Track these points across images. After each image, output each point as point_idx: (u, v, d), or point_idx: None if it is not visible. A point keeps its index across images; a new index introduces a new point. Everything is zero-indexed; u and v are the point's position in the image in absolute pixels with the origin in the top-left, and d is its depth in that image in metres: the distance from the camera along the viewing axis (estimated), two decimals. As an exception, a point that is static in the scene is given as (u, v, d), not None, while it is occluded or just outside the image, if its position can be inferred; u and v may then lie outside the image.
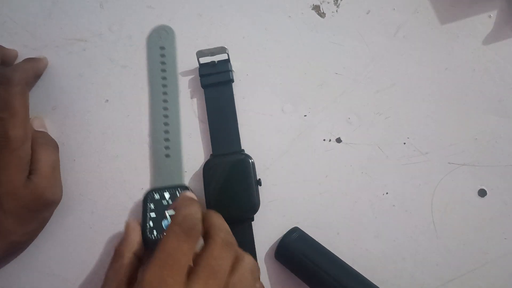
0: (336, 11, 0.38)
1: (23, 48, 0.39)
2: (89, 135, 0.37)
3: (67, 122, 0.37)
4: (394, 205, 0.34)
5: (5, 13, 0.40)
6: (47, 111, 0.38)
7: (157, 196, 0.34)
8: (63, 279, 0.35)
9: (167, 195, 0.34)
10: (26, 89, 0.33)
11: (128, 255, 0.29)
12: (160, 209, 0.33)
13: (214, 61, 0.36)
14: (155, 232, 0.32)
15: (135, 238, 0.31)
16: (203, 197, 0.34)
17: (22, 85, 0.32)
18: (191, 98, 0.37)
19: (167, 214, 0.33)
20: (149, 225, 0.33)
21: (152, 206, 0.33)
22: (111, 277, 0.28)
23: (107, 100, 0.38)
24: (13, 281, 0.35)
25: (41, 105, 0.38)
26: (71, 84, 0.38)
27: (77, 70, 0.38)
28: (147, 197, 0.34)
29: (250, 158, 0.34)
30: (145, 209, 0.33)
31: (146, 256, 0.31)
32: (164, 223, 0.33)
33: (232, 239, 0.28)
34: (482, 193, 0.34)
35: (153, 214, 0.33)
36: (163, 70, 0.37)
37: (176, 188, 0.34)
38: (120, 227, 0.35)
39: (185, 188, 0.34)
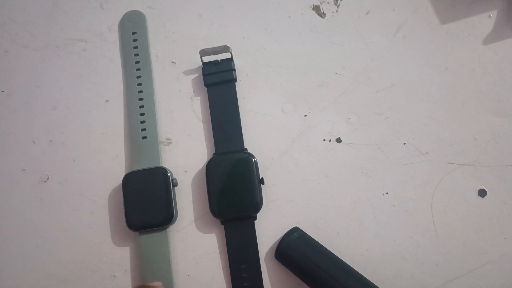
0: (336, 11, 0.38)
1: (23, 48, 0.39)
2: (89, 135, 0.37)
3: (67, 122, 0.37)
4: (394, 205, 0.34)
5: (5, 13, 0.40)
6: (47, 111, 0.38)
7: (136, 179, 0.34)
8: (63, 279, 0.35)
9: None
10: None
11: None
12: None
13: (217, 60, 0.36)
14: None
15: None
16: (206, 196, 0.34)
17: None
18: (193, 97, 0.37)
19: None
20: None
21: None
22: None
23: (107, 100, 0.38)
24: (13, 281, 0.35)
25: (41, 105, 0.38)
26: (71, 84, 0.38)
27: (77, 70, 0.38)
28: (126, 180, 0.34)
29: (253, 157, 0.34)
30: (125, 194, 0.34)
31: None
32: None
33: None
34: (482, 193, 0.34)
35: (133, 197, 0.34)
36: (136, 55, 0.38)
37: (154, 171, 0.34)
38: (120, 227, 0.35)
39: (163, 169, 0.34)
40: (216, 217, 0.34)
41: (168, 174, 0.34)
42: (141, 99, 0.37)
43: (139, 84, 0.37)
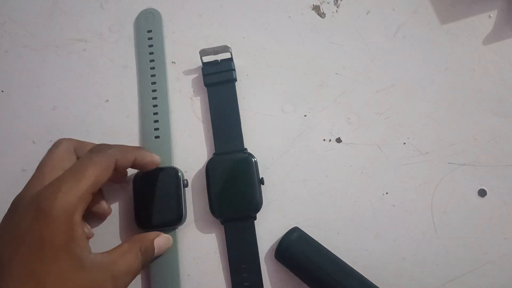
0: (336, 11, 0.38)
1: (23, 48, 0.39)
2: (89, 135, 0.37)
3: (67, 122, 0.37)
4: (394, 205, 0.34)
5: (5, 13, 0.40)
6: (47, 111, 0.38)
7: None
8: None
9: None
10: (110, 165, 0.28)
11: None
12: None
13: (217, 60, 0.36)
14: None
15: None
16: (206, 196, 0.34)
17: (108, 160, 0.28)
18: (193, 97, 0.37)
19: None
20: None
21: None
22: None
23: (107, 100, 0.38)
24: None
25: (41, 105, 0.38)
26: (71, 84, 0.38)
27: (77, 70, 0.38)
28: (137, 179, 0.34)
29: (253, 156, 0.34)
30: (135, 192, 0.34)
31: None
32: None
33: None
34: (482, 193, 0.34)
35: (143, 196, 0.34)
36: (151, 53, 0.38)
37: (166, 170, 0.34)
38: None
39: (174, 169, 0.34)
40: (216, 217, 0.34)
41: (179, 173, 0.34)
42: (154, 98, 0.37)
43: (153, 83, 0.37)
